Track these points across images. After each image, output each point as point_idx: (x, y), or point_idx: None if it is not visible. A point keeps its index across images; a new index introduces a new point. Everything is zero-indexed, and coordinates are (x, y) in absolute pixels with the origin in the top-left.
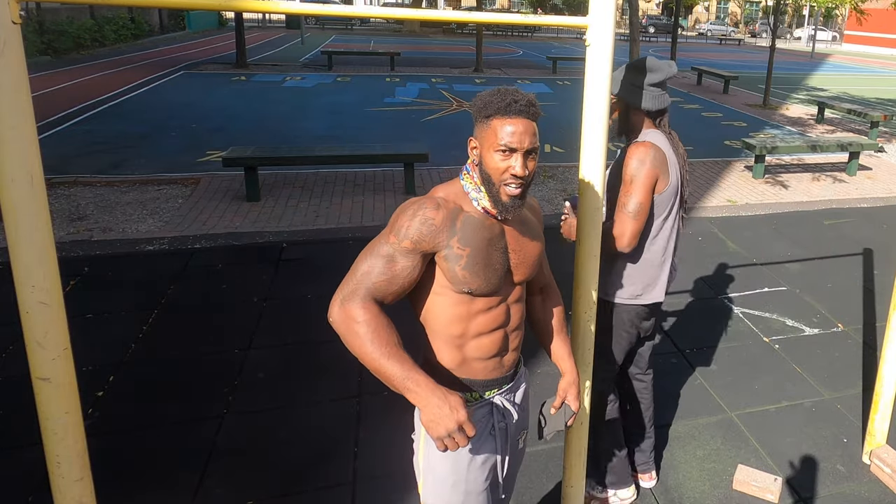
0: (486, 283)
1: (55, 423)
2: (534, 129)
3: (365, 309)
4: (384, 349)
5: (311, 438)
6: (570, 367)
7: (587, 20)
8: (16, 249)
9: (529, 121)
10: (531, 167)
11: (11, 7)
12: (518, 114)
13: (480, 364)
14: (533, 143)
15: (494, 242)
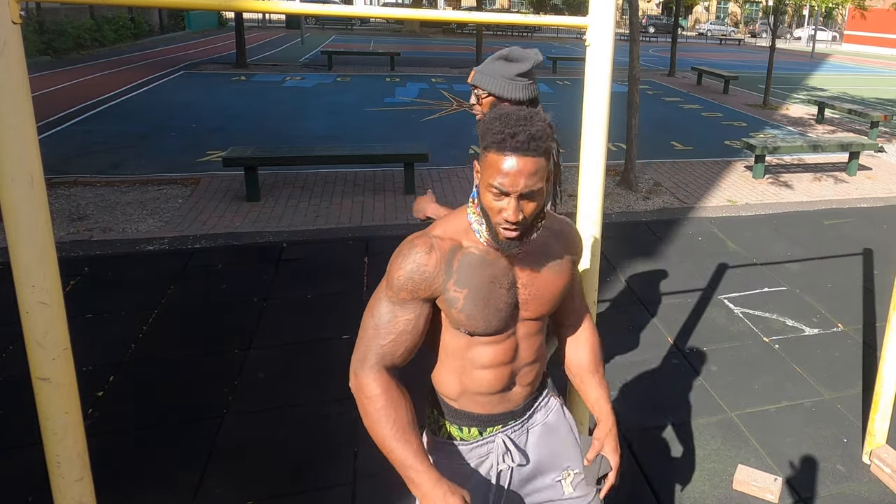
0: (486, 325)
1: (55, 423)
2: (533, 169)
3: (376, 382)
4: (391, 431)
5: (311, 438)
6: (606, 414)
7: (587, 20)
8: (16, 249)
9: (529, 158)
10: (528, 210)
11: (11, 7)
12: (514, 151)
13: (482, 398)
14: (529, 185)
15: (498, 279)
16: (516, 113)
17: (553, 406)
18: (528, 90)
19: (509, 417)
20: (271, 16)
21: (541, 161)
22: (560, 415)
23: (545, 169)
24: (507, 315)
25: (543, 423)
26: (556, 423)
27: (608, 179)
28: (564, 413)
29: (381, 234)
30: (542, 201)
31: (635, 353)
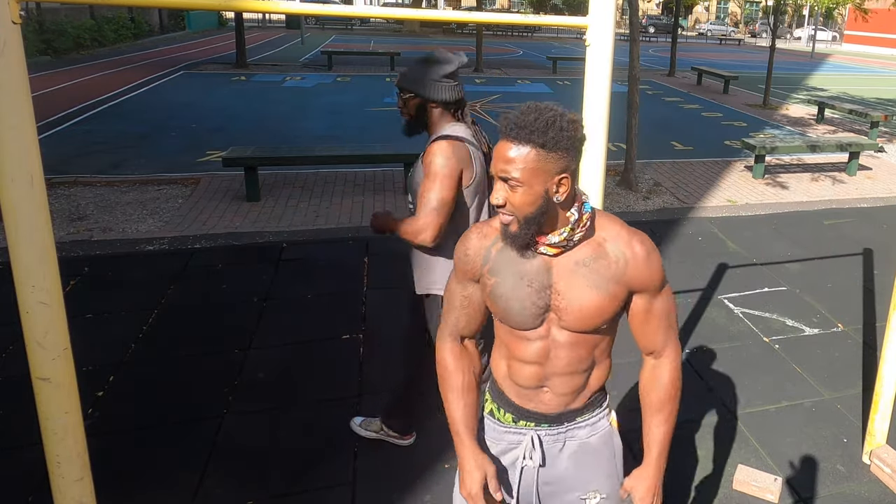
0: (507, 316)
1: (55, 423)
2: (510, 154)
3: (447, 350)
4: (450, 395)
5: (311, 438)
6: (653, 460)
7: (587, 20)
8: (16, 249)
9: (510, 143)
10: (515, 201)
11: (11, 7)
12: (503, 135)
13: (517, 388)
14: (506, 169)
15: (527, 276)
16: (532, 105)
17: (602, 428)
18: (454, 91)
19: (542, 419)
20: (271, 16)
21: (523, 150)
22: (607, 440)
23: (532, 161)
24: (533, 314)
25: (584, 441)
26: (599, 446)
27: (608, 179)
28: (614, 440)
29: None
30: (528, 199)
31: (635, 352)
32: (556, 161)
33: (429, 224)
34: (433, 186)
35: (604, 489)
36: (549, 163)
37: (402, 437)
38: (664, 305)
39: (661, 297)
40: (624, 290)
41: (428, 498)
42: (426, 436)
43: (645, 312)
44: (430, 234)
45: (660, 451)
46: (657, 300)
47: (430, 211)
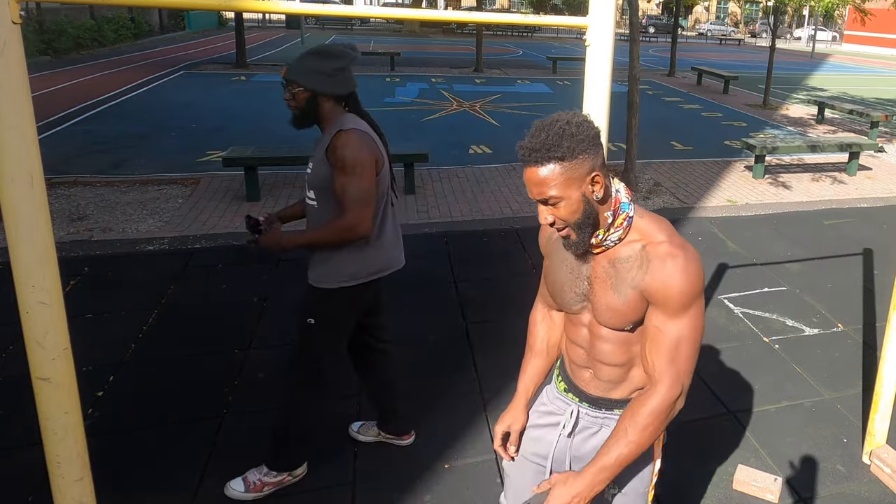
0: (553, 295)
1: (55, 423)
2: (538, 178)
3: (534, 313)
4: (526, 350)
5: (311, 438)
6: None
7: (587, 20)
8: (16, 249)
9: (533, 168)
10: (560, 214)
11: (11, 7)
12: (526, 163)
13: (570, 363)
14: (542, 192)
15: (568, 263)
16: (538, 124)
17: None
18: (346, 84)
19: (584, 397)
20: (271, 16)
21: (548, 169)
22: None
23: (560, 175)
24: (571, 300)
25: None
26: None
27: None
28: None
29: None
30: (572, 207)
31: None
32: (581, 165)
33: (362, 217)
34: (354, 179)
35: (622, 483)
36: (575, 170)
37: (400, 437)
38: (676, 333)
39: (676, 324)
40: (641, 298)
41: (428, 498)
42: (426, 436)
43: (653, 329)
44: (366, 225)
45: (600, 467)
46: (669, 324)
47: (358, 202)
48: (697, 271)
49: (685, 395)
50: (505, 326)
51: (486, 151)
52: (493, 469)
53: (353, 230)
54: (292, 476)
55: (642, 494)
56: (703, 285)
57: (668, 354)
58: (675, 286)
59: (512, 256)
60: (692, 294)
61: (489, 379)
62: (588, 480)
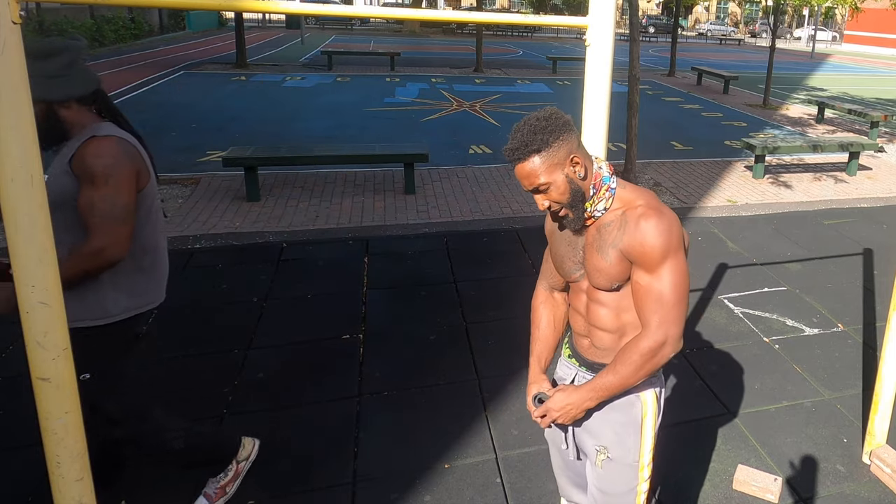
0: (556, 266)
1: (55, 423)
2: (525, 172)
3: (537, 294)
4: (532, 329)
5: (311, 438)
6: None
7: (587, 20)
8: (16, 249)
9: (519, 164)
10: (552, 197)
11: (11, 7)
12: (513, 162)
13: (573, 329)
14: (532, 183)
15: (567, 238)
16: (515, 127)
17: (629, 396)
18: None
19: (583, 362)
20: (271, 16)
21: (531, 162)
22: (627, 407)
23: (542, 164)
24: (571, 269)
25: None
26: (616, 406)
27: None
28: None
29: (381, 234)
30: (560, 189)
31: None
32: (559, 150)
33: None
34: (106, 193)
35: (611, 449)
36: (554, 156)
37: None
38: (656, 286)
39: (655, 278)
40: (621, 257)
41: (428, 498)
42: (426, 436)
43: (637, 285)
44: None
45: (591, 387)
46: (649, 278)
47: (110, 220)
48: (670, 228)
49: (673, 343)
50: (505, 326)
51: (485, 151)
52: (493, 469)
53: (104, 254)
54: (238, 461)
55: (630, 465)
56: (679, 241)
57: (651, 306)
58: (649, 243)
59: (512, 256)
60: (666, 248)
61: (489, 379)
62: (580, 395)
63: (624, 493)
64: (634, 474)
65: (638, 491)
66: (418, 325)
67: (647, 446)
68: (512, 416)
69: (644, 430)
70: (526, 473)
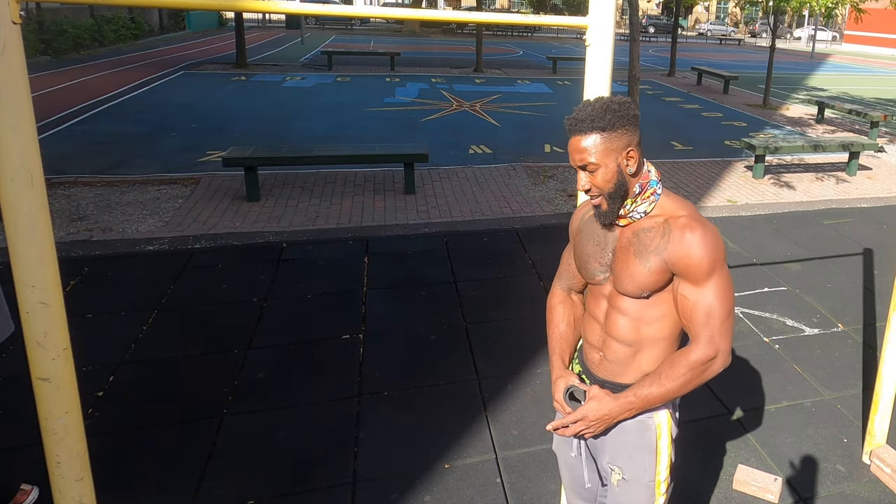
0: (580, 267)
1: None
2: (580, 145)
3: (554, 297)
4: (549, 329)
5: (311, 438)
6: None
7: (587, 20)
8: (16, 249)
9: (576, 136)
10: (596, 181)
11: (11, 7)
12: (572, 133)
13: (587, 345)
14: (582, 158)
15: (595, 236)
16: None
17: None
18: None
19: (593, 380)
20: (271, 16)
21: (590, 138)
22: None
23: (600, 144)
24: (595, 270)
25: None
26: (631, 430)
27: None
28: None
29: (381, 234)
30: (607, 176)
31: None
32: (620, 138)
33: None
34: None
35: (626, 470)
36: (614, 141)
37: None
38: (704, 300)
39: (703, 291)
40: (663, 266)
41: (428, 498)
42: (426, 436)
43: (684, 299)
44: None
45: (631, 399)
46: (696, 292)
47: None
48: (716, 241)
49: (723, 357)
50: (505, 326)
51: (486, 151)
52: (493, 469)
53: None
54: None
55: (646, 485)
56: (724, 255)
57: (701, 319)
58: (696, 255)
59: (512, 256)
60: (713, 261)
61: (489, 379)
62: (619, 406)
63: None
64: (651, 493)
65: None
66: (418, 325)
67: (663, 464)
68: (512, 416)
69: (660, 451)
70: (526, 473)
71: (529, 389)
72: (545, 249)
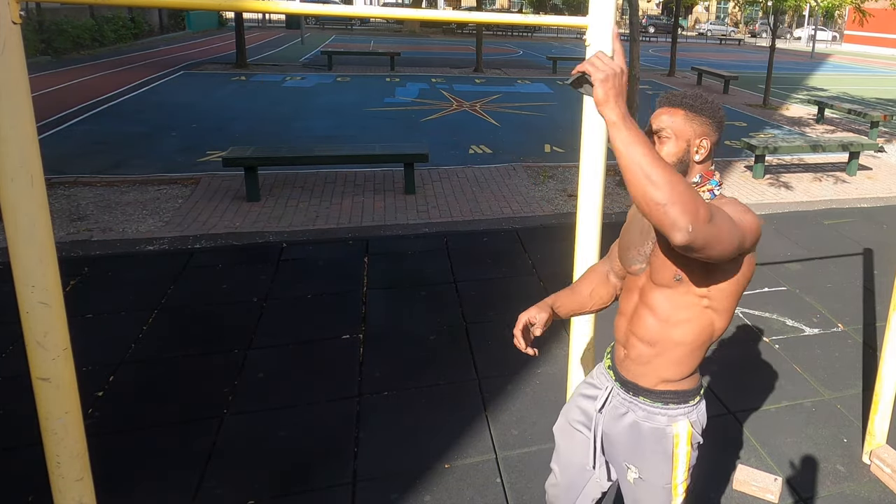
0: (620, 251)
1: (55, 423)
2: (663, 114)
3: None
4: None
5: (311, 438)
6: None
7: (587, 20)
8: (16, 249)
9: (663, 108)
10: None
11: (11, 7)
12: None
13: (615, 334)
14: (659, 126)
15: (642, 226)
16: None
17: (658, 423)
18: None
19: (618, 377)
20: (271, 16)
21: (675, 111)
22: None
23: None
24: (633, 258)
25: (639, 422)
26: (648, 435)
27: (608, 179)
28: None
29: (381, 234)
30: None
31: None
32: (700, 124)
33: None
34: None
35: (643, 472)
36: (693, 123)
37: None
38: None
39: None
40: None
41: (428, 498)
42: (426, 436)
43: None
44: None
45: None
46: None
47: None
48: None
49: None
50: (505, 326)
51: (486, 151)
52: (493, 469)
53: None
54: None
55: (663, 487)
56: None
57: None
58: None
59: (512, 256)
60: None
61: (489, 379)
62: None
63: None
64: (668, 494)
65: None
66: (418, 325)
67: (680, 469)
68: (512, 416)
69: (677, 458)
70: (526, 473)
71: (529, 389)
72: (545, 249)
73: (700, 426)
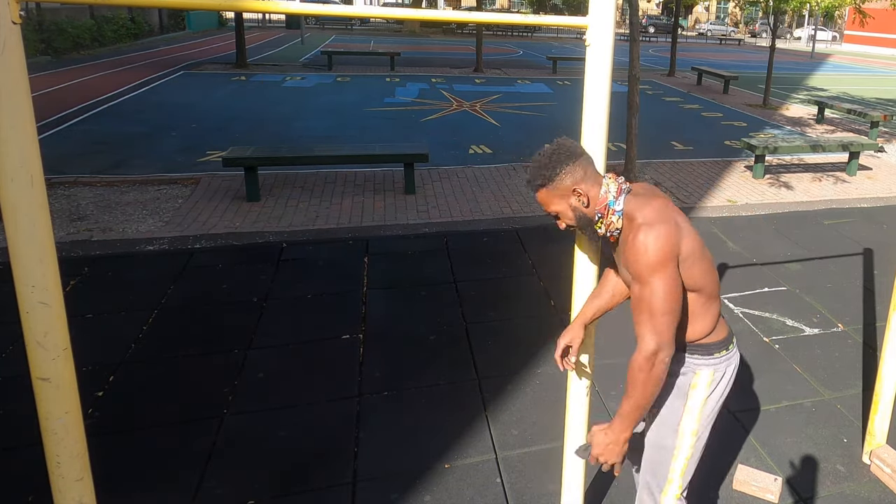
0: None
1: (55, 423)
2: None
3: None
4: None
5: (311, 438)
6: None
7: (587, 20)
8: (16, 249)
9: (535, 193)
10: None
11: (11, 7)
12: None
13: None
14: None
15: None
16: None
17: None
18: None
19: None
20: (271, 16)
21: (539, 194)
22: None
23: (549, 196)
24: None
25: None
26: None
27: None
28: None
29: (381, 234)
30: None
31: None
32: (562, 183)
33: None
34: None
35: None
36: (558, 189)
37: None
38: (641, 296)
39: (642, 288)
40: (625, 268)
41: (428, 498)
42: (426, 436)
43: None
44: None
45: (619, 419)
46: (638, 288)
47: None
48: (656, 244)
49: (667, 348)
50: (505, 326)
51: (485, 151)
52: (493, 469)
53: None
54: None
55: (671, 427)
56: (667, 254)
57: (643, 317)
58: (638, 258)
59: (512, 256)
60: (653, 263)
61: (489, 379)
62: (614, 431)
63: (661, 447)
64: (674, 437)
65: (674, 454)
66: (418, 325)
67: (690, 415)
68: (512, 416)
69: (690, 400)
70: (526, 473)
71: (529, 389)
72: (545, 249)
73: (726, 378)
